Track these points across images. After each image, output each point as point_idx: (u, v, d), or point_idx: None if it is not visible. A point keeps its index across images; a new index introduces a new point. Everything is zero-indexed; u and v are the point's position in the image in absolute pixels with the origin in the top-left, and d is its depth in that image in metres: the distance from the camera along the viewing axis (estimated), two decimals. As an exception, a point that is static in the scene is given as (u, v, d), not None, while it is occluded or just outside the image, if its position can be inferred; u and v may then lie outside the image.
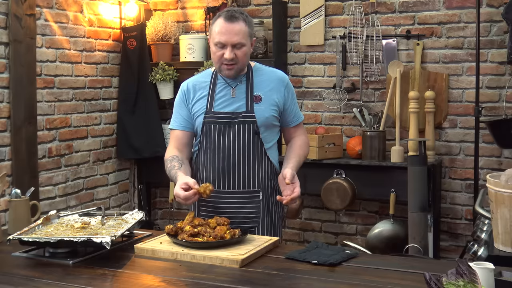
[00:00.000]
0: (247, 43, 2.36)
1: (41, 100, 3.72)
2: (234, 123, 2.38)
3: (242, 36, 2.33)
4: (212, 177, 2.41)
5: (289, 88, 2.49)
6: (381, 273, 1.81)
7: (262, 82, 2.44)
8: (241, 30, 2.33)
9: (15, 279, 1.79)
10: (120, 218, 2.26)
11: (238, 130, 2.38)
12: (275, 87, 2.45)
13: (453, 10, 3.87)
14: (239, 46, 2.33)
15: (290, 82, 2.54)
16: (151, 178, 4.63)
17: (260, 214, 2.41)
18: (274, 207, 2.48)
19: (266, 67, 2.53)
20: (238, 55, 2.34)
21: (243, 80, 2.43)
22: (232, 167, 2.39)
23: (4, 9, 3.43)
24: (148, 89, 4.38)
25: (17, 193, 2.33)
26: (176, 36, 4.44)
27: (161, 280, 1.76)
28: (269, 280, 1.76)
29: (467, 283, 1.43)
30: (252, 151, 2.40)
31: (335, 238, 4.32)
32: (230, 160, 2.39)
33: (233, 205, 2.40)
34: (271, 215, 2.47)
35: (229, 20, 2.32)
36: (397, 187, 3.76)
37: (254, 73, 2.46)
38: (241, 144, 2.38)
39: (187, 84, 2.51)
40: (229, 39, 2.31)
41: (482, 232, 2.82)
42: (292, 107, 2.51)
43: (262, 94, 2.41)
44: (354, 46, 4.08)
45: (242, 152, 2.39)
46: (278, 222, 2.51)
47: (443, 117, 3.93)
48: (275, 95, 2.43)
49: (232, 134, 2.38)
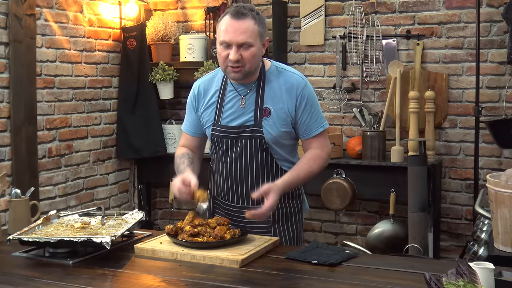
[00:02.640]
0: (256, 43, 2.10)
1: (41, 100, 3.72)
2: (242, 137, 2.21)
3: (249, 35, 2.07)
4: (223, 189, 2.31)
5: (303, 96, 2.19)
6: (381, 273, 1.81)
7: (274, 91, 2.20)
8: (249, 28, 2.07)
9: (15, 279, 1.79)
10: (120, 218, 2.26)
11: (245, 145, 2.21)
12: (287, 96, 2.19)
13: (453, 10, 3.88)
14: (246, 46, 2.08)
15: (308, 88, 2.22)
16: (151, 178, 4.63)
17: (272, 230, 2.27)
18: (291, 217, 2.32)
19: (283, 69, 2.26)
20: (245, 56, 2.09)
21: (253, 87, 2.22)
22: (240, 183, 2.25)
23: (4, 9, 3.43)
24: (148, 89, 4.38)
25: (17, 193, 2.33)
26: (176, 36, 4.44)
27: (161, 280, 1.76)
28: (269, 280, 1.76)
29: (467, 283, 1.43)
30: (261, 165, 2.23)
31: (335, 238, 4.32)
32: (237, 175, 2.25)
33: (244, 219, 2.17)
34: (286, 228, 2.31)
35: (235, 16, 2.08)
36: (397, 187, 3.76)
37: (266, 79, 2.22)
38: (248, 159, 2.22)
39: (198, 86, 2.34)
40: (234, 38, 2.07)
41: (482, 232, 2.82)
42: (304, 119, 2.21)
43: (272, 107, 2.19)
44: (354, 46, 4.08)
45: (250, 167, 2.23)
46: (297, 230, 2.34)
47: (443, 117, 3.93)
48: (286, 106, 2.19)
49: (239, 148, 2.22)
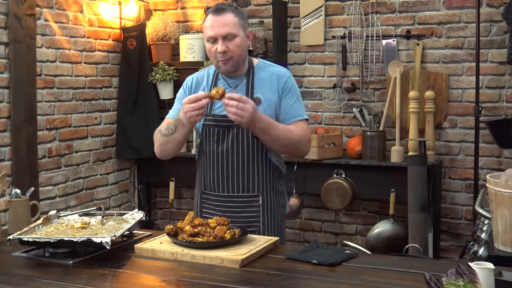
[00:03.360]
0: (240, 34, 2.28)
1: (41, 100, 3.72)
2: (233, 126, 2.32)
3: (231, 26, 2.26)
4: (212, 180, 2.40)
5: (287, 84, 2.37)
6: (381, 273, 1.81)
7: (263, 82, 2.37)
8: (229, 20, 2.27)
9: (15, 279, 1.79)
10: (120, 218, 2.26)
11: (237, 133, 2.34)
12: (273, 86, 2.36)
13: (453, 10, 3.87)
14: (230, 37, 2.26)
15: (293, 79, 2.41)
16: (151, 178, 4.63)
17: (261, 218, 2.39)
18: (276, 211, 2.44)
19: (270, 65, 2.44)
20: (231, 47, 2.27)
21: (243, 80, 2.37)
22: (231, 171, 2.36)
23: (4, 9, 3.43)
24: (148, 89, 4.38)
25: (17, 193, 2.33)
26: (176, 36, 4.44)
27: (161, 280, 1.76)
28: (269, 280, 1.76)
29: (467, 283, 1.43)
30: (252, 154, 2.35)
31: (335, 238, 4.32)
32: (229, 164, 2.36)
33: (233, 209, 2.37)
34: (273, 219, 2.43)
35: (216, 12, 2.29)
36: (397, 187, 3.76)
37: (255, 72, 2.39)
38: (239, 148, 2.34)
39: (192, 78, 2.49)
40: (218, 31, 2.26)
41: (482, 232, 2.82)
42: (286, 103, 2.36)
43: (262, 96, 2.34)
44: (354, 46, 4.08)
45: (241, 156, 2.35)
46: (280, 225, 2.47)
47: (443, 117, 3.93)
48: (274, 96, 2.35)
49: (231, 138, 2.34)
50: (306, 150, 2.41)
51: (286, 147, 2.34)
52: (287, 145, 2.32)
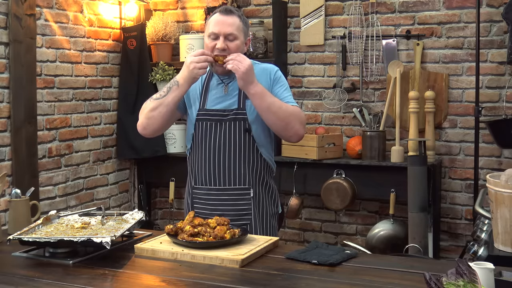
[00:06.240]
0: (240, 37, 2.38)
1: (41, 100, 3.72)
2: (226, 120, 2.40)
3: (235, 28, 2.36)
4: (204, 174, 2.44)
5: (277, 75, 2.46)
6: (381, 273, 1.81)
7: None
8: (235, 22, 2.36)
9: (15, 279, 1.79)
10: (120, 218, 2.26)
11: (229, 127, 2.40)
12: (265, 78, 2.43)
13: (453, 10, 3.88)
14: (232, 38, 2.35)
15: (280, 72, 2.49)
16: (151, 178, 4.63)
17: (252, 211, 2.43)
18: (267, 205, 2.49)
19: (259, 63, 2.51)
20: (230, 47, 2.35)
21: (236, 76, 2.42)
22: (223, 164, 2.41)
23: (4, 9, 3.43)
24: (148, 89, 4.37)
25: (17, 193, 2.33)
26: (176, 36, 4.45)
27: (161, 280, 1.76)
28: (269, 280, 1.76)
29: (467, 283, 1.43)
30: (243, 148, 2.41)
31: (335, 238, 4.32)
32: (221, 157, 2.41)
33: (225, 202, 2.42)
34: (264, 213, 2.47)
35: (224, 12, 2.38)
36: (397, 187, 3.76)
37: None
38: (231, 141, 2.40)
39: None
40: (222, 29, 2.34)
41: (482, 232, 2.82)
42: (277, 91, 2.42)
43: None
44: (354, 46, 4.08)
45: (233, 149, 2.41)
46: (271, 219, 2.51)
47: (443, 117, 3.93)
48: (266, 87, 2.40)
49: (223, 131, 2.40)
50: (299, 128, 2.38)
51: (280, 119, 2.33)
52: (280, 116, 2.32)
